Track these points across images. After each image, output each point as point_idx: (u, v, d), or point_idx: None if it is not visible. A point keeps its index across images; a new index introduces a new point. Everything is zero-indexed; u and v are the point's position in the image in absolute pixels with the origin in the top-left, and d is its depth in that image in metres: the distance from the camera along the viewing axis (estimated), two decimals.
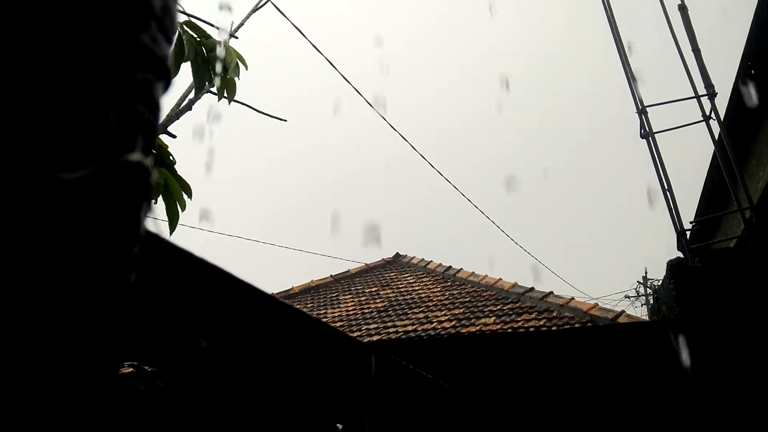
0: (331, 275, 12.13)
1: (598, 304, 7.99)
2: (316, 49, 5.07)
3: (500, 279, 9.51)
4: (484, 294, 9.28)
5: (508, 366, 2.04)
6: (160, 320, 0.50)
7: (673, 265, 2.37)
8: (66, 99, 0.29)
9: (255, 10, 4.35)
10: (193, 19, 3.16)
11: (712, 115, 3.05)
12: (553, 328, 7.18)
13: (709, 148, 3.72)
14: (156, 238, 0.50)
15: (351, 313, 9.59)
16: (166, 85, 0.36)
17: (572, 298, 8.18)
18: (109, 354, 0.30)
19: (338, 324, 9.09)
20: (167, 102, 3.50)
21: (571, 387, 2.06)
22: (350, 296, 10.72)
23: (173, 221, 2.94)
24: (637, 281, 19.33)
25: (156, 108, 0.34)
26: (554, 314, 7.79)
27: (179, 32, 3.02)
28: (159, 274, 0.50)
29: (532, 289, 8.71)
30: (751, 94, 3.30)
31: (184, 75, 3.06)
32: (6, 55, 0.27)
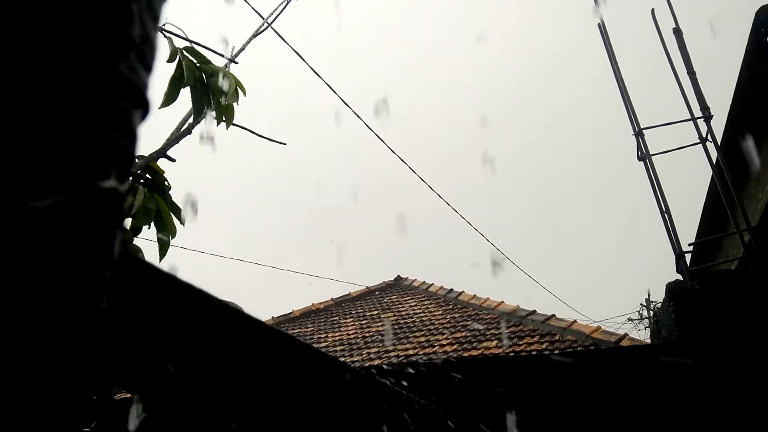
0: (332, 298, 12.08)
1: (600, 327, 7.93)
2: (315, 72, 5.13)
3: (502, 302, 9.47)
4: (486, 317, 9.23)
5: (509, 390, 2.01)
6: (146, 345, 0.50)
7: (672, 288, 2.36)
8: (40, 126, 0.29)
9: (255, 35, 4.41)
10: (194, 45, 3.20)
11: (709, 137, 3.07)
12: (556, 352, 7.13)
13: (709, 170, 3.73)
14: (136, 261, 0.50)
15: (352, 336, 9.53)
16: (144, 113, 0.36)
17: (574, 321, 8.13)
18: (80, 379, 0.30)
19: (339, 348, 9.03)
20: (167, 127, 3.52)
21: (573, 411, 2.03)
22: (351, 320, 10.66)
23: (163, 248, 2.94)
24: (640, 304, 19.23)
25: (133, 135, 0.34)
26: (556, 337, 7.74)
27: (179, 58, 3.07)
28: (140, 298, 0.50)
29: (534, 312, 8.66)
30: (747, 117, 3.33)
31: (184, 100, 3.08)
32: None
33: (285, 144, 3.77)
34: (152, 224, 2.84)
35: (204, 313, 0.56)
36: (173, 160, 3.02)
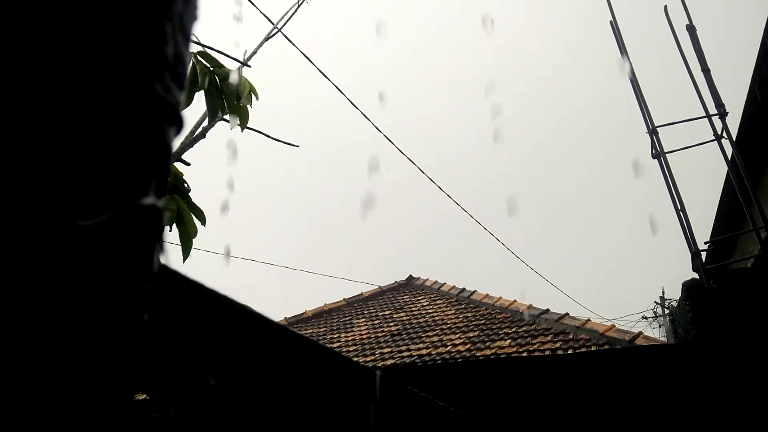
0: (344, 298, 12.11)
1: (614, 326, 7.88)
2: (325, 76, 5.15)
3: (515, 301, 9.45)
4: (499, 316, 9.21)
5: (523, 390, 2.02)
6: (172, 351, 0.52)
7: (688, 287, 2.34)
8: (86, 148, 0.30)
9: (267, 39, 4.44)
10: (207, 49, 3.23)
11: (724, 134, 3.04)
12: (569, 351, 7.10)
13: (723, 167, 3.70)
14: (168, 271, 0.51)
15: (365, 336, 9.55)
16: (178, 129, 0.37)
17: (588, 320, 8.10)
18: (122, 392, 0.31)
19: (351, 348, 9.05)
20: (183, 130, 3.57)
21: (587, 411, 2.03)
22: (363, 320, 10.68)
23: (186, 248, 2.98)
24: (655, 302, 19.08)
25: (168, 152, 0.36)
26: (570, 336, 7.71)
27: (193, 62, 3.10)
28: (171, 306, 0.51)
29: (547, 310, 8.63)
30: (763, 113, 3.29)
31: (198, 103, 3.12)
32: (29, 110, 0.28)
33: (298, 146, 3.79)
34: (173, 226, 2.88)
35: (238, 323, 0.57)
36: (188, 164, 3.05)
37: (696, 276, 2.77)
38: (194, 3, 0.41)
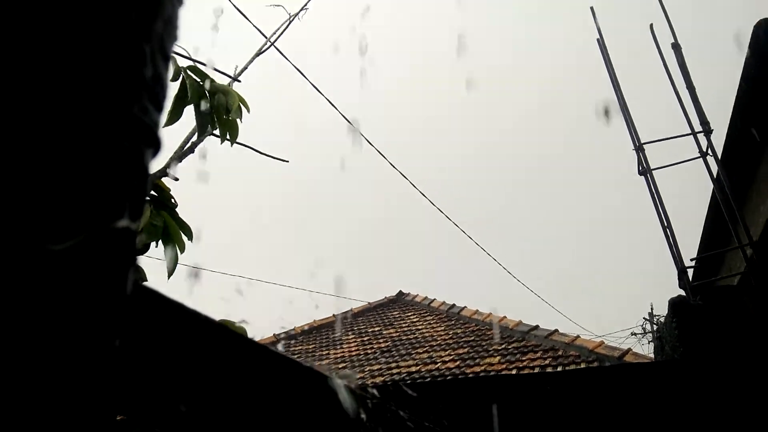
0: (333, 314, 12.03)
1: (603, 342, 7.89)
2: (319, 92, 5.16)
3: (504, 317, 9.43)
4: (489, 333, 9.19)
5: (513, 408, 2.01)
6: (151, 371, 0.51)
7: (674, 304, 2.36)
8: (58, 170, 0.30)
9: (258, 54, 4.45)
10: (197, 64, 3.23)
11: (709, 151, 3.08)
12: (559, 368, 7.09)
13: (710, 184, 3.73)
14: (146, 291, 0.51)
15: (354, 353, 9.49)
16: (156, 151, 0.37)
17: (578, 336, 8.10)
18: (96, 417, 0.30)
19: (341, 365, 8.98)
20: (170, 145, 3.54)
21: (577, 429, 2.02)
22: (353, 336, 10.62)
23: (172, 265, 2.95)
24: (644, 318, 19.14)
25: (145, 174, 0.35)
26: (560, 353, 7.70)
27: (183, 77, 3.10)
28: (149, 326, 0.50)
29: (537, 327, 8.62)
30: (748, 131, 3.34)
31: (187, 118, 3.11)
32: (1, 131, 0.28)
33: (287, 161, 3.79)
34: (160, 241, 2.86)
35: (217, 344, 0.56)
36: (176, 179, 3.04)
37: (683, 293, 2.79)
38: (174, 24, 0.41)
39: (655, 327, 18.08)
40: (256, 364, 0.62)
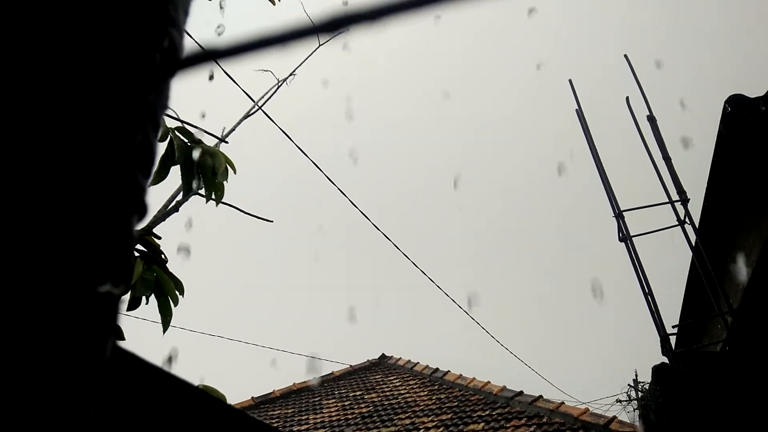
0: (314, 377, 11.75)
1: (588, 409, 7.76)
2: (304, 154, 5.24)
3: (488, 382, 9.28)
4: (473, 398, 9.01)
5: None
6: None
7: (657, 371, 2.36)
8: (43, 236, 0.31)
9: (246, 116, 4.54)
10: (185, 125, 3.28)
11: (687, 219, 3.15)
12: None
13: (689, 251, 3.79)
14: (125, 355, 0.50)
15: (334, 418, 9.21)
16: (141, 216, 0.38)
17: (562, 403, 7.97)
18: None
19: (320, 431, 8.71)
20: (155, 203, 3.54)
21: None
22: (334, 400, 10.34)
23: (166, 319, 2.90)
24: (628, 384, 18.92)
25: (130, 240, 0.36)
26: (544, 420, 7.55)
27: (170, 137, 3.14)
28: (129, 390, 0.50)
29: (521, 392, 8.48)
30: (723, 200, 3.43)
31: (173, 177, 3.13)
32: None
33: (272, 221, 3.81)
34: (152, 296, 2.82)
35: (196, 409, 0.55)
36: (159, 237, 3.02)
37: (666, 360, 2.79)
38: (166, 94, 0.43)
39: (639, 394, 17.85)
40: (232, 427, 0.61)
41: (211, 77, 4.24)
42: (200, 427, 0.58)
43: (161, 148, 3.17)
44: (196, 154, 3.11)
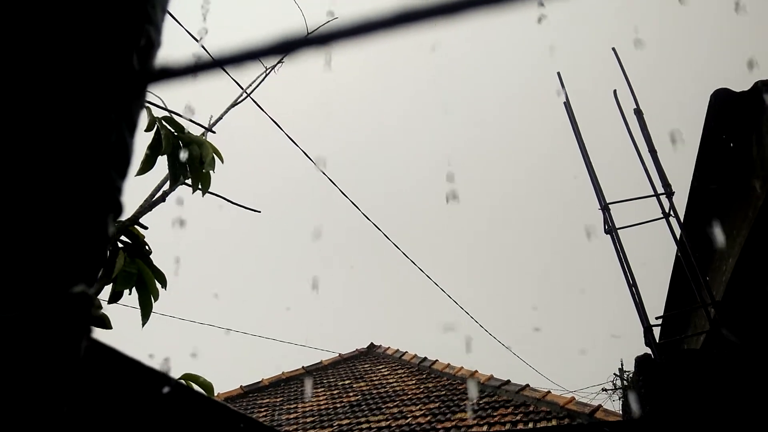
0: (303, 366, 11.80)
1: (574, 398, 7.85)
2: (295, 143, 5.22)
3: (476, 371, 9.35)
4: (460, 387, 9.08)
5: None
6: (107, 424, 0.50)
7: (640, 362, 2.39)
8: (18, 234, 0.31)
9: (234, 105, 4.51)
10: (173, 115, 3.26)
11: (672, 212, 3.18)
12: (530, 424, 7.01)
13: (674, 243, 3.83)
14: (103, 349, 0.51)
15: (323, 407, 9.26)
16: (117, 215, 0.38)
17: (548, 392, 8.05)
18: None
19: (309, 419, 8.75)
20: (142, 194, 3.52)
21: None
22: (322, 389, 10.39)
23: (146, 312, 2.90)
24: (614, 373, 19.14)
25: (105, 239, 0.36)
26: (531, 408, 7.63)
27: (157, 126, 3.12)
28: (107, 384, 0.50)
29: (508, 381, 8.55)
30: (707, 193, 3.47)
31: (159, 167, 3.11)
32: None
33: (259, 212, 3.80)
34: (133, 289, 2.82)
35: (171, 399, 0.56)
36: (146, 228, 3.01)
37: (649, 351, 2.82)
38: (143, 95, 0.43)
39: (624, 383, 18.07)
40: (214, 422, 0.61)
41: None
42: (179, 418, 0.59)
43: (148, 138, 3.15)
44: (182, 143, 3.09)
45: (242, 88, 4.98)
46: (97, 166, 0.36)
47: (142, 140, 3.06)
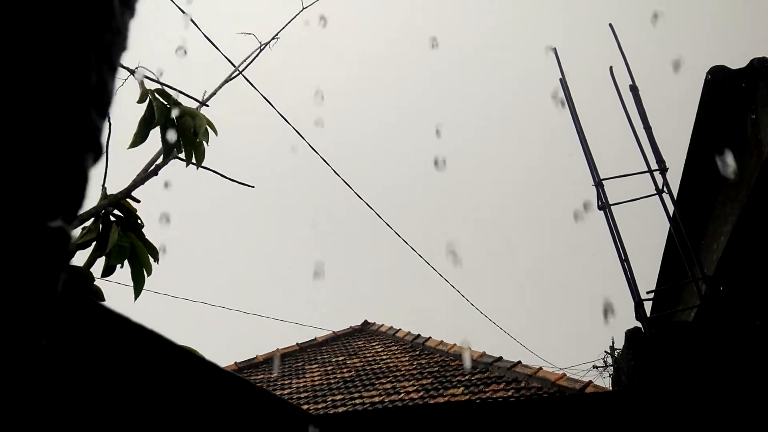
0: (297, 343, 11.88)
1: (565, 375, 7.94)
2: (287, 122, 5.18)
3: (469, 348, 9.42)
4: (453, 363, 9.17)
5: None
6: (92, 386, 0.50)
7: (630, 335, 2.41)
8: None
9: (227, 80, 4.46)
10: (165, 88, 3.22)
11: (665, 189, 3.19)
12: (521, 399, 7.10)
13: (666, 220, 3.84)
14: (85, 300, 0.50)
15: (317, 383, 9.34)
16: (96, 156, 0.37)
17: (540, 368, 8.14)
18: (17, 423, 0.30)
19: (303, 395, 8.83)
20: (135, 167, 3.49)
21: None
22: (316, 365, 10.47)
23: (139, 286, 2.90)
24: (605, 351, 19.36)
25: (83, 178, 0.36)
26: (522, 384, 7.72)
27: (149, 99, 3.08)
28: (88, 337, 0.50)
29: (500, 358, 8.64)
30: (701, 170, 3.47)
31: (153, 141, 3.08)
32: None
33: (253, 187, 3.78)
34: (126, 263, 2.81)
35: (156, 354, 0.56)
36: (138, 201, 2.99)
37: (639, 325, 2.85)
38: (123, 34, 0.42)
39: (613, 367, 18.30)
40: (206, 380, 0.61)
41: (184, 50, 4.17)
42: (168, 372, 0.59)
43: (140, 109, 3.11)
44: (175, 114, 3.06)
45: (234, 66, 4.92)
46: (75, 102, 0.36)
47: (135, 112, 3.02)
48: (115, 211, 2.85)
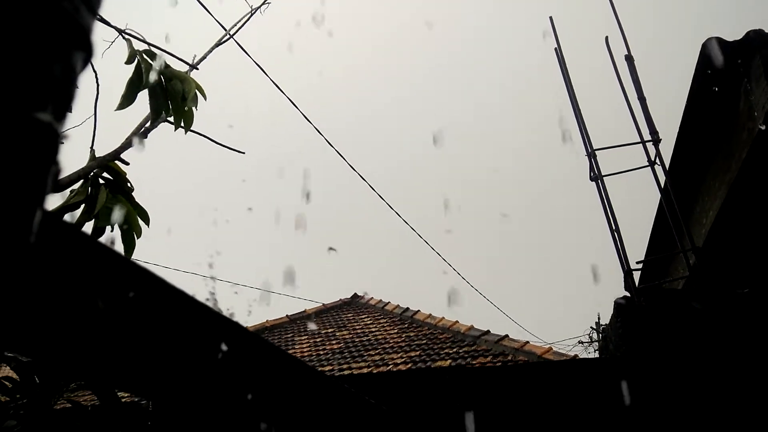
0: (287, 315, 11.91)
1: (552, 348, 8.05)
2: (276, 86, 5.12)
3: (456, 321, 9.51)
4: (441, 336, 9.25)
5: (461, 406, 2.03)
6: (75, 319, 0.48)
7: (619, 304, 2.43)
8: None
9: (218, 44, 4.38)
10: (154, 49, 3.15)
11: (657, 160, 3.19)
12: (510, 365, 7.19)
13: (658, 192, 3.85)
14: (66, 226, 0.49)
15: (306, 354, 9.40)
16: (87, 56, 0.35)
17: (527, 342, 8.24)
18: None
19: None
20: (123, 130, 3.43)
21: (524, 423, 2.06)
22: (306, 337, 10.53)
23: (129, 250, 2.87)
24: (591, 327, 19.63)
25: (73, 76, 0.34)
26: (509, 358, 7.82)
27: (138, 60, 3.01)
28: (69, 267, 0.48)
29: (488, 332, 8.73)
30: (694, 142, 3.47)
31: (141, 103, 3.03)
32: None
33: (243, 153, 3.74)
34: (115, 226, 2.78)
35: (142, 289, 0.54)
36: (127, 163, 2.95)
37: (628, 295, 2.87)
38: None
39: (601, 336, 18.57)
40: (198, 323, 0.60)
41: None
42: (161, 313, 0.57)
43: (128, 71, 3.05)
44: (164, 78, 3.00)
45: (225, 29, 4.83)
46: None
47: (123, 73, 2.96)
48: (105, 174, 2.81)
